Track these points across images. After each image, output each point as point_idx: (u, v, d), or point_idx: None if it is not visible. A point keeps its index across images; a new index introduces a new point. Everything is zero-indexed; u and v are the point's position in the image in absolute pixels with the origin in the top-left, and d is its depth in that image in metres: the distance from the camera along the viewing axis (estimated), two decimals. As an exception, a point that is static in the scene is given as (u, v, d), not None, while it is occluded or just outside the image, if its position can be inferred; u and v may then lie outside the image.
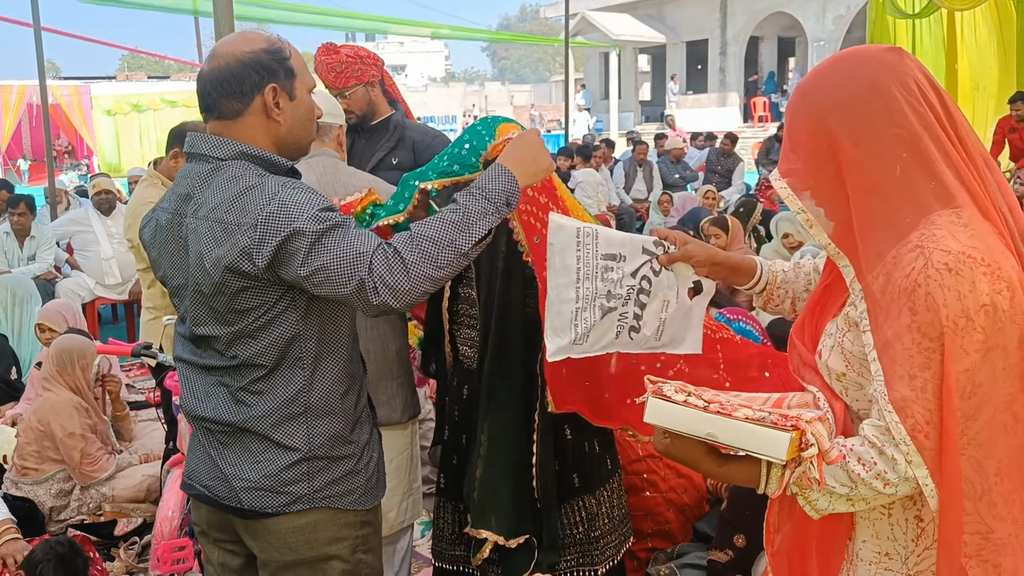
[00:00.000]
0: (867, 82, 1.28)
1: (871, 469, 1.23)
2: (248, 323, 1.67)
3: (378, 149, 3.33)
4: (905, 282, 1.21)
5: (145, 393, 5.47)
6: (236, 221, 1.61)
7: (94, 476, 3.71)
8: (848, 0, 20.35)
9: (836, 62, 1.34)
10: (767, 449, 1.24)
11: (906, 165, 1.25)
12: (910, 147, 1.25)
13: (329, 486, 1.78)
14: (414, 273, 1.58)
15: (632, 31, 24.91)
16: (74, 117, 18.24)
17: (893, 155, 1.26)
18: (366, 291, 1.56)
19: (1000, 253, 1.22)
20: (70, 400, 3.70)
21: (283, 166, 1.75)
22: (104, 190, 6.91)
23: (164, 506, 3.07)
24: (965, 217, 1.23)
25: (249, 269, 1.61)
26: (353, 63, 3.20)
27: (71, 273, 6.90)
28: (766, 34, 24.72)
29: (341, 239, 1.59)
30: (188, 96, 19.34)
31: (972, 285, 1.17)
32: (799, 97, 1.36)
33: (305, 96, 1.77)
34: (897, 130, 1.25)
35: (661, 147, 12.61)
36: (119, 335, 6.55)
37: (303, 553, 1.78)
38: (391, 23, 18.34)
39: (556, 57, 59.54)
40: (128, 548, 3.52)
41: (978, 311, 1.17)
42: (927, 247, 1.20)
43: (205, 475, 1.81)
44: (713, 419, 1.27)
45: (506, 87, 46.34)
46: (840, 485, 1.25)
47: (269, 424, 1.72)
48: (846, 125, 1.28)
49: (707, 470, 1.36)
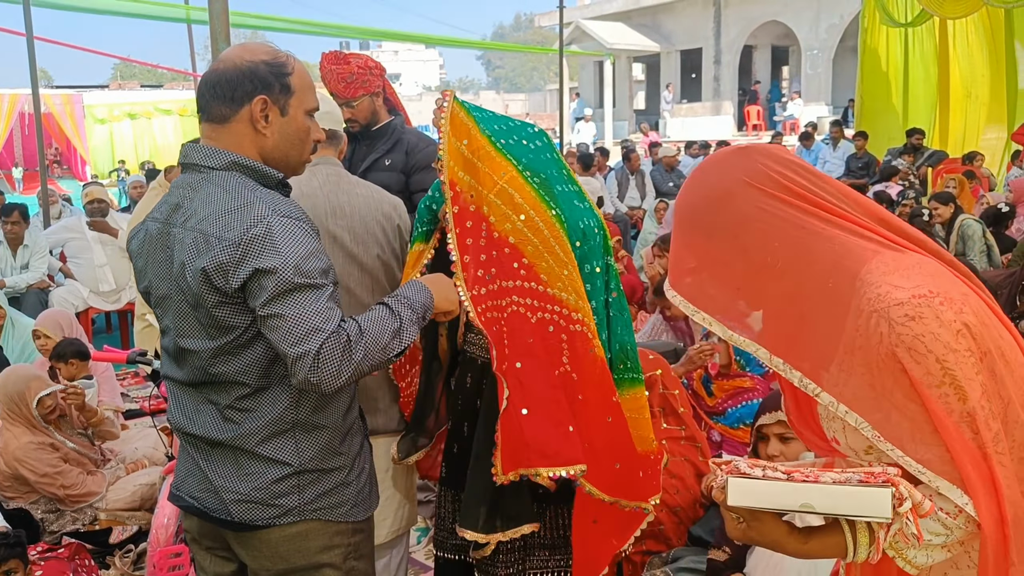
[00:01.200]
0: (720, 191, 1.29)
1: (939, 512, 1.22)
2: (229, 340, 1.67)
3: (373, 151, 3.34)
4: (882, 351, 1.19)
5: (140, 401, 5.45)
6: (219, 235, 1.60)
7: (85, 500, 3.65)
8: (841, 9, 20.45)
9: (690, 185, 1.35)
10: (869, 509, 1.18)
11: (786, 251, 1.25)
12: (783, 233, 1.25)
13: (320, 498, 1.77)
14: (354, 369, 1.61)
15: (626, 40, 25.00)
16: (66, 126, 18.21)
17: (771, 248, 1.26)
18: (306, 364, 1.58)
19: (938, 276, 1.23)
20: (30, 443, 3.59)
21: (273, 178, 1.75)
22: (96, 199, 6.89)
23: (160, 513, 3.05)
24: (888, 259, 1.23)
25: (222, 285, 1.61)
26: (363, 74, 3.21)
27: (64, 282, 6.87)
28: (760, 43, 24.83)
29: (310, 303, 1.60)
30: (182, 104, 19.36)
31: (938, 320, 1.18)
32: (682, 226, 1.35)
33: (300, 116, 1.75)
34: (762, 225, 1.26)
35: (655, 155, 12.65)
36: (113, 344, 6.53)
37: (295, 562, 1.78)
38: (386, 36, 18.37)
39: (551, 66, 59.63)
40: (123, 556, 3.50)
41: (955, 337, 1.18)
42: (880, 309, 1.19)
43: (194, 487, 1.81)
44: (804, 488, 1.20)
45: (501, 96, 46.42)
46: (935, 536, 1.23)
47: (256, 441, 1.72)
48: (725, 241, 1.28)
49: (793, 550, 1.29)
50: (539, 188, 2.15)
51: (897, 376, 1.19)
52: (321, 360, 1.57)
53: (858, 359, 1.22)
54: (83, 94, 19.86)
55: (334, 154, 2.57)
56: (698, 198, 1.33)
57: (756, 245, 1.27)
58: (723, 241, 1.29)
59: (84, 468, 3.75)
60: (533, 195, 2.14)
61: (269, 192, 1.71)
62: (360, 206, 2.50)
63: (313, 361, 1.56)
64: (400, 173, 3.31)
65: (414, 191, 3.34)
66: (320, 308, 1.59)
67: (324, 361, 1.57)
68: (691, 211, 1.34)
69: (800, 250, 1.25)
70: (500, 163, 2.13)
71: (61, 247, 7.01)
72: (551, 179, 2.22)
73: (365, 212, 2.50)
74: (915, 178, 9.83)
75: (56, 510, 3.64)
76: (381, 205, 2.56)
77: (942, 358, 1.17)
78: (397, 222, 2.60)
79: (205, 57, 27.65)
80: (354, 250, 2.46)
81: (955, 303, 1.20)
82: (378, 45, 45.12)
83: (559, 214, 2.15)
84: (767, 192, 1.27)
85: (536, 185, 2.15)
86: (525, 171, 2.16)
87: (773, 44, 25.08)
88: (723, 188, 1.29)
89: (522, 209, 2.11)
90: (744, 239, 1.28)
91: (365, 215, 2.50)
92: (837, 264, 1.24)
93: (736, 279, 1.30)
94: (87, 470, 3.75)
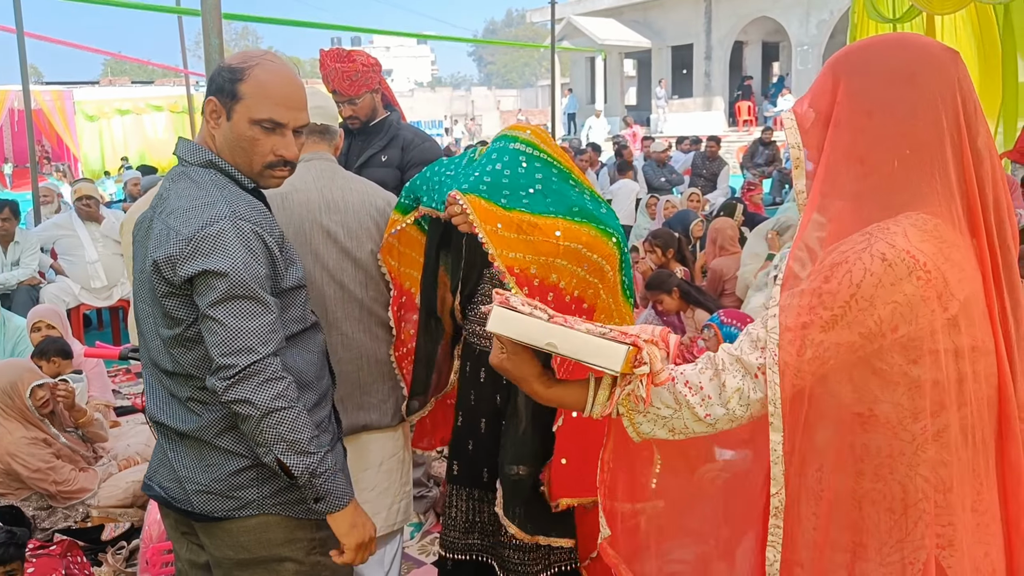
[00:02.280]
0: (908, 71, 1.27)
1: (697, 393, 1.28)
2: (180, 331, 1.70)
3: (369, 147, 3.34)
4: (838, 256, 1.24)
5: (132, 398, 5.44)
6: (177, 229, 1.65)
7: (77, 497, 3.64)
8: (831, 5, 20.50)
9: (890, 42, 1.33)
10: (604, 360, 1.26)
11: (905, 160, 1.26)
12: (915, 146, 1.25)
13: (279, 493, 1.78)
14: (262, 404, 1.61)
15: (618, 36, 25.00)
16: (56, 122, 18.10)
17: (898, 146, 1.26)
18: (226, 376, 1.61)
19: (957, 267, 1.23)
20: (23, 437, 3.56)
21: (245, 186, 1.79)
22: (86, 195, 6.87)
23: (153, 509, 3.05)
24: (932, 224, 1.24)
25: (170, 276, 1.64)
26: (366, 71, 3.22)
27: (55, 278, 6.85)
28: (751, 39, 24.87)
29: (254, 318, 1.61)
30: (173, 101, 19.26)
31: (897, 281, 1.20)
32: (844, 56, 1.35)
33: (242, 123, 1.74)
34: (910, 126, 1.26)
35: (647, 151, 12.66)
36: (105, 341, 6.51)
37: (256, 552, 1.80)
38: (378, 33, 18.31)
39: (542, 62, 59.59)
40: (116, 553, 3.50)
41: (886, 305, 1.21)
42: (875, 235, 1.24)
43: (164, 477, 1.84)
44: (554, 329, 1.29)
45: (492, 92, 46.35)
46: (665, 407, 1.30)
47: (214, 433, 1.74)
48: (866, 99, 1.28)
49: (536, 390, 1.40)
50: (589, 222, 2.20)
51: (819, 275, 1.25)
52: (241, 378, 1.60)
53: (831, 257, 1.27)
54: (73, 90, 19.75)
55: (328, 149, 2.57)
56: (874, 61, 1.30)
57: (892, 132, 1.27)
58: (863, 107, 1.28)
59: (76, 464, 3.73)
60: (591, 234, 2.18)
61: (240, 194, 1.73)
62: (354, 201, 2.51)
63: (234, 376, 1.60)
64: (396, 169, 3.32)
65: (409, 187, 3.35)
66: (259, 328, 1.62)
67: (243, 380, 1.60)
68: (854, 68, 1.31)
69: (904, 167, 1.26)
70: (545, 223, 2.16)
71: (52, 244, 6.98)
72: (583, 204, 2.25)
73: (359, 207, 2.51)
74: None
75: (48, 507, 3.63)
76: (375, 200, 2.57)
77: (856, 297, 1.21)
78: (391, 216, 2.61)
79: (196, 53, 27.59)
80: (348, 245, 2.47)
81: (929, 289, 1.21)
82: (370, 41, 44.91)
83: (619, 241, 2.23)
84: (945, 104, 1.26)
85: (584, 221, 2.20)
86: (566, 215, 2.20)
87: (764, 40, 25.12)
88: (909, 72, 1.27)
89: (586, 259, 2.16)
90: (880, 120, 1.27)
91: (359, 210, 2.51)
92: (899, 193, 1.26)
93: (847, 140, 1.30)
94: (79, 467, 3.74)
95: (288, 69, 1.82)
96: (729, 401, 1.27)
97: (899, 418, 1.26)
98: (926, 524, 1.27)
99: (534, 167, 2.27)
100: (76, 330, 6.44)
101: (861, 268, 1.21)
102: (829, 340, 1.23)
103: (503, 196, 2.20)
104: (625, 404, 1.33)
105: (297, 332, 1.81)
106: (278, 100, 1.75)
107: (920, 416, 1.25)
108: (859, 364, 1.26)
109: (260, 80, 1.74)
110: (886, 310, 1.21)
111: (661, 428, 1.32)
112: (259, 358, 1.60)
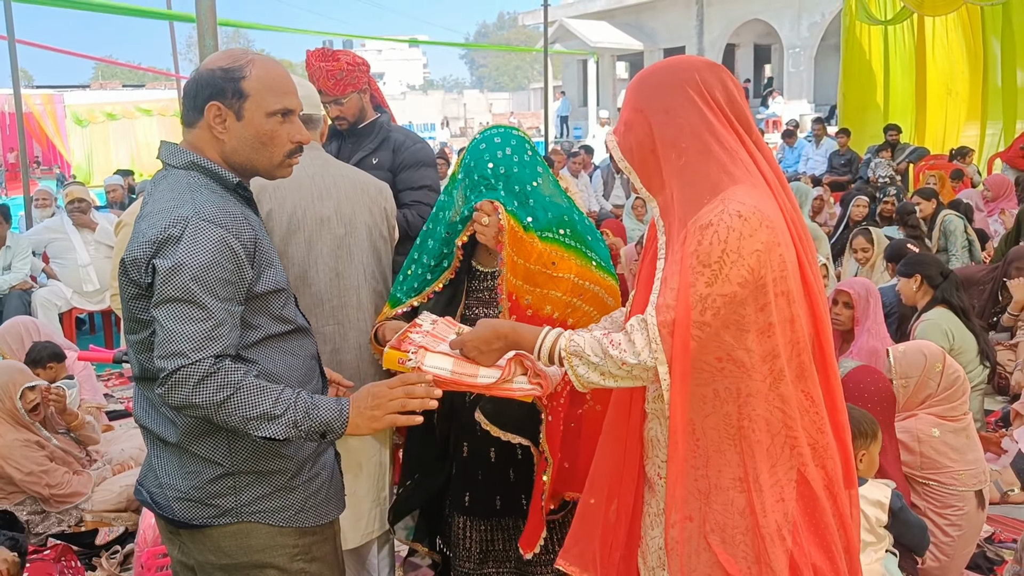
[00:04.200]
0: (673, 80, 1.63)
1: (617, 347, 1.55)
2: (146, 335, 1.69)
3: (360, 150, 3.33)
4: (702, 221, 1.51)
5: (124, 402, 5.42)
6: (143, 231, 1.65)
7: (71, 501, 3.62)
8: (823, 7, 20.57)
9: (664, 64, 1.69)
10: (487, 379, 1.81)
11: (699, 142, 1.58)
12: (698, 131, 1.58)
13: (258, 501, 1.77)
14: (207, 406, 1.59)
15: (610, 39, 25.03)
16: (47, 126, 18.04)
17: (690, 132, 1.60)
18: (159, 376, 1.60)
19: (776, 215, 1.54)
20: (16, 440, 3.54)
21: (230, 182, 1.77)
22: (78, 198, 6.84)
23: (148, 513, 3.03)
24: (758, 188, 1.55)
25: (136, 278, 1.65)
26: (352, 71, 3.20)
27: (47, 282, 6.82)
28: (742, 41, 24.94)
29: (187, 323, 1.59)
30: (164, 105, 19.21)
31: (753, 232, 1.48)
32: (635, 82, 1.70)
33: (258, 119, 1.75)
34: (683, 120, 1.59)
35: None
36: (97, 344, 6.48)
37: (237, 558, 1.79)
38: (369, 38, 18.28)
39: (534, 64, 59.68)
40: (110, 557, 3.48)
41: (751, 254, 1.48)
42: (727, 199, 1.52)
43: (150, 482, 1.84)
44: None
45: (485, 95, 46.38)
46: (594, 355, 1.58)
47: (190, 439, 1.73)
48: (657, 104, 1.63)
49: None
50: (590, 256, 2.28)
51: (691, 240, 1.51)
52: (172, 382, 1.58)
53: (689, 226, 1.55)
54: (64, 94, 19.68)
55: (314, 137, 2.56)
56: (650, 81, 1.68)
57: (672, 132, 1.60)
58: (652, 116, 1.63)
59: (70, 467, 3.71)
60: (598, 274, 2.27)
61: (215, 194, 1.72)
62: (346, 188, 2.49)
63: (165, 378, 1.59)
64: (387, 171, 3.30)
65: (401, 189, 3.34)
66: (194, 333, 1.58)
67: (174, 384, 1.58)
68: (640, 88, 1.68)
69: (702, 148, 1.58)
70: (566, 260, 2.23)
71: (44, 247, 6.96)
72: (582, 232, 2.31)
73: (352, 194, 2.49)
74: (895, 173, 9.90)
75: (41, 511, 3.61)
76: (367, 188, 2.55)
77: (728, 252, 1.47)
78: (384, 204, 2.60)
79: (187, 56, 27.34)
80: (342, 232, 2.45)
81: (775, 235, 1.50)
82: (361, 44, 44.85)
83: (612, 272, 2.33)
84: (700, 97, 1.60)
85: (584, 252, 2.27)
86: (578, 250, 2.27)
87: (756, 43, 25.19)
88: (671, 82, 1.64)
89: (587, 292, 2.24)
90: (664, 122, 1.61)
91: (352, 196, 2.49)
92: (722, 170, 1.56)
93: (652, 145, 1.64)
94: (73, 470, 3.72)
95: (275, 60, 1.86)
96: (640, 353, 1.53)
97: (751, 362, 1.53)
98: (790, 447, 1.58)
99: (536, 159, 2.31)
100: (68, 334, 6.41)
101: (725, 226, 1.48)
102: (714, 293, 1.48)
103: (528, 208, 2.23)
104: (566, 352, 1.62)
105: (276, 334, 1.78)
106: (284, 89, 1.77)
107: (767, 358, 1.53)
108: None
109: (261, 74, 1.74)
110: (752, 259, 1.48)
111: (594, 373, 1.59)
112: (188, 363, 1.57)
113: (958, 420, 3.11)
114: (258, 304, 1.74)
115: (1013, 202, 8.20)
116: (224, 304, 1.62)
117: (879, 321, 4.03)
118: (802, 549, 1.59)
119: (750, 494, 1.57)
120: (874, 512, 2.50)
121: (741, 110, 1.63)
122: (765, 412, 1.55)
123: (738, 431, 1.57)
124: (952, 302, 4.08)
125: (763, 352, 1.53)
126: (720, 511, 1.60)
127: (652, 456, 1.76)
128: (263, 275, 1.74)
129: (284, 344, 1.81)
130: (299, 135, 1.81)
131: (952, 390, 3.10)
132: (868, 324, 3.98)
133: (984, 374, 4.13)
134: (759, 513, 1.57)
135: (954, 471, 3.05)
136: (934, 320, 4.02)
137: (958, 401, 3.11)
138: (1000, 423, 4.49)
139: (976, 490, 3.07)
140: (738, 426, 1.57)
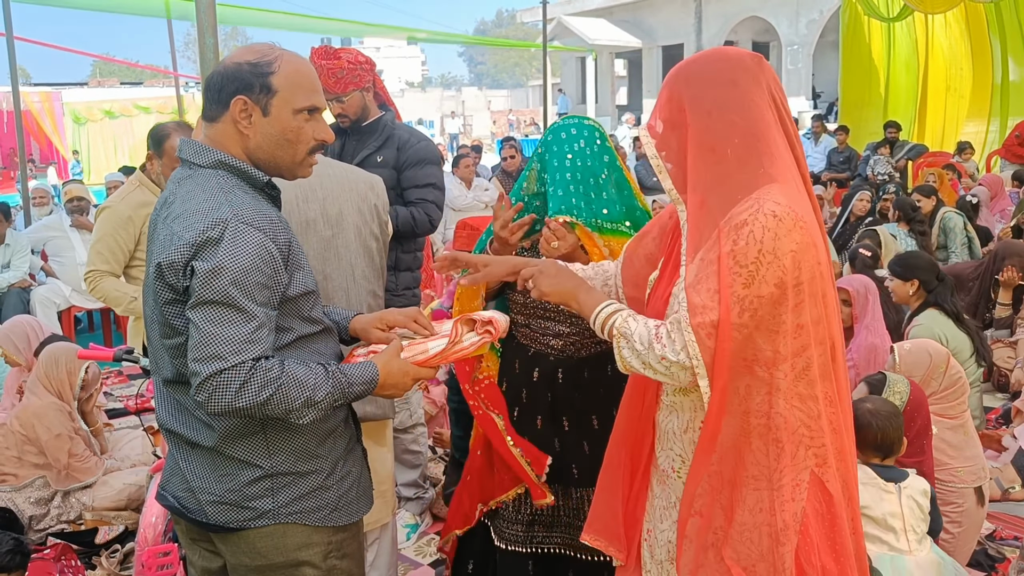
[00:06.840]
0: (728, 76, 1.57)
1: (660, 342, 1.54)
2: (181, 341, 1.66)
3: (364, 147, 3.32)
4: (736, 220, 1.48)
5: (124, 401, 5.42)
6: (180, 234, 1.60)
7: (82, 478, 3.64)
8: (821, 4, 20.58)
9: (710, 56, 1.63)
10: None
11: (745, 144, 1.54)
12: (746, 133, 1.54)
13: (295, 502, 1.76)
14: (250, 408, 1.58)
15: (608, 36, 25.04)
16: (45, 124, 18.01)
17: (735, 134, 1.54)
18: (195, 383, 1.57)
19: (809, 215, 1.52)
20: (53, 403, 3.65)
21: (259, 180, 1.75)
22: (76, 196, 6.83)
23: (148, 512, 3.02)
24: (791, 188, 1.52)
25: (173, 282, 1.61)
26: (353, 69, 3.19)
27: (46, 280, 6.81)
28: (740, 38, 24.92)
29: (227, 325, 1.56)
30: (162, 102, 19.18)
31: (789, 233, 1.46)
32: (675, 75, 1.63)
33: (285, 115, 1.72)
34: (740, 117, 1.54)
35: (640, 150, 12.67)
36: (96, 342, 6.47)
37: (273, 559, 1.78)
38: (368, 27, 18.28)
39: (533, 62, 59.67)
40: (110, 556, 3.48)
41: (786, 254, 1.46)
42: (761, 199, 1.48)
43: (177, 487, 1.81)
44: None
45: (483, 92, 46.33)
46: (640, 343, 1.56)
47: (227, 442, 1.70)
48: (703, 102, 1.57)
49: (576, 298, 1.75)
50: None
51: (725, 241, 1.48)
52: (213, 389, 1.56)
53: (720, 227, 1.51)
54: (62, 91, 19.66)
55: None
56: (697, 76, 1.60)
57: (722, 129, 1.55)
58: (700, 111, 1.57)
59: (90, 449, 3.79)
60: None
61: (248, 195, 1.69)
62: (332, 187, 2.42)
63: (202, 383, 1.56)
64: (392, 169, 3.30)
65: (406, 187, 3.34)
66: (234, 336, 1.56)
67: (215, 391, 1.56)
68: (685, 84, 1.60)
69: (749, 145, 1.54)
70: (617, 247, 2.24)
71: (43, 245, 6.95)
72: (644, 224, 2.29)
73: (339, 193, 2.43)
74: (894, 170, 9.91)
75: (43, 500, 3.61)
76: (356, 185, 2.48)
77: (764, 252, 1.45)
78: (374, 201, 2.53)
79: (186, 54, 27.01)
80: (328, 234, 2.39)
81: (808, 236, 1.49)
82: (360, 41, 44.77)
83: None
84: (759, 94, 1.55)
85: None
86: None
87: (754, 40, 25.18)
88: (730, 77, 1.57)
89: None
90: (717, 118, 1.55)
91: (339, 196, 2.43)
92: (761, 168, 1.53)
93: (697, 141, 1.57)
94: (92, 451, 3.80)
95: (303, 56, 1.82)
96: (680, 352, 1.51)
97: (777, 361, 1.50)
98: (806, 447, 1.56)
99: (606, 148, 2.30)
100: (67, 332, 6.41)
101: (760, 226, 1.45)
102: (751, 295, 1.46)
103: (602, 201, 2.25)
104: (617, 332, 1.61)
105: (307, 335, 1.77)
106: (312, 86, 1.75)
107: (793, 357, 1.51)
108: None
109: (290, 70, 1.71)
110: (788, 259, 1.46)
111: (636, 360, 1.58)
112: (227, 366, 1.55)
113: (956, 417, 3.12)
114: (290, 307, 1.72)
115: (1007, 200, 8.21)
116: (262, 308, 1.61)
117: (877, 318, 4.03)
118: (813, 549, 1.57)
119: (767, 492, 1.55)
120: (925, 502, 2.57)
121: (787, 106, 1.60)
122: (786, 411, 1.54)
123: (760, 429, 1.55)
124: (944, 306, 4.05)
125: (789, 351, 1.51)
126: (738, 508, 1.58)
127: (666, 448, 1.73)
128: (295, 277, 1.72)
129: (313, 344, 1.80)
130: (323, 133, 1.78)
131: (953, 389, 3.11)
132: (867, 321, 3.99)
133: (979, 372, 4.13)
134: (774, 511, 1.55)
135: (953, 468, 3.05)
136: (926, 325, 3.99)
137: (957, 400, 3.12)
138: (1001, 420, 4.50)
139: (975, 486, 3.08)
140: (759, 424, 1.55)
